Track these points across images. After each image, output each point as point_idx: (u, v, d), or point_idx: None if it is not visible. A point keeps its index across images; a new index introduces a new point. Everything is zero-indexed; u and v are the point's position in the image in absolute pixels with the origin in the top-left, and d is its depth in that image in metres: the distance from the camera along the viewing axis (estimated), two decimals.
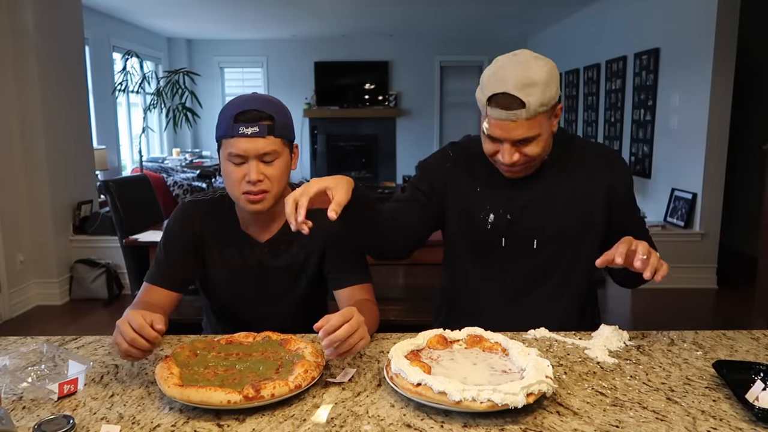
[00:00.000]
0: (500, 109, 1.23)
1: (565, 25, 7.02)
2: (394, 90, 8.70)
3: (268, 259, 1.39)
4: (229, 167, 1.28)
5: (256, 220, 1.38)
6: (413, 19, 7.04)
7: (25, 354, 1.11)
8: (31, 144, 3.89)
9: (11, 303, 3.79)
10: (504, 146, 1.28)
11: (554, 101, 1.26)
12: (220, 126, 1.29)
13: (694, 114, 4.26)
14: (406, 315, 2.59)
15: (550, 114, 1.29)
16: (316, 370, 1.01)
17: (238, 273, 1.40)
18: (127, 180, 3.33)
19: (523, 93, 1.21)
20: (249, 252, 1.39)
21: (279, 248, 1.40)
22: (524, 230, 1.39)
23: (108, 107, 6.42)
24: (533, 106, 1.21)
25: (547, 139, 1.30)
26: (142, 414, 0.93)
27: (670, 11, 4.62)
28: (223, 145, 1.28)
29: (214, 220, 1.41)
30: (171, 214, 1.44)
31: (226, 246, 1.40)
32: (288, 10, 6.42)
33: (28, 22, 3.79)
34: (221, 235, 1.40)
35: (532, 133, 1.25)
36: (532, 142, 1.27)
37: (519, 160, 1.29)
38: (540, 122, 1.25)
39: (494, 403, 0.88)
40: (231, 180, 1.29)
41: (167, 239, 1.41)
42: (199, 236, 1.39)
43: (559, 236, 1.39)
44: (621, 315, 3.76)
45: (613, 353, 1.17)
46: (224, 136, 1.27)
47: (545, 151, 1.33)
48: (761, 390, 0.96)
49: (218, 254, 1.40)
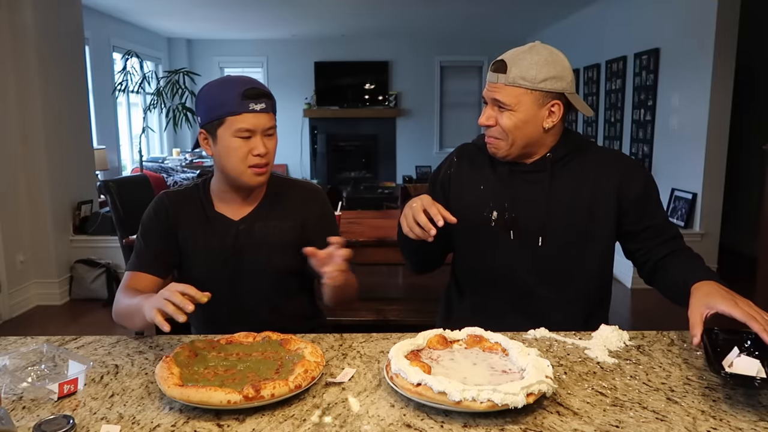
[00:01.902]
0: (490, 71, 1.36)
1: (565, 25, 7.02)
2: (394, 90, 8.69)
3: (243, 235, 1.43)
4: (235, 143, 1.33)
5: (232, 199, 1.44)
6: (413, 19, 7.03)
7: (25, 354, 1.11)
8: (31, 144, 3.89)
9: (11, 303, 3.79)
10: (485, 108, 1.38)
11: (542, 86, 1.31)
12: (221, 104, 1.32)
13: (694, 114, 4.26)
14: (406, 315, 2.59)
15: (539, 100, 1.32)
16: (316, 370, 1.01)
17: (215, 252, 1.43)
18: (127, 180, 3.33)
19: (510, 61, 1.32)
20: (224, 231, 1.43)
21: (254, 225, 1.44)
22: (529, 227, 1.39)
23: (108, 107, 6.42)
24: (512, 75, 1.31)
25: (523, 122, 1.33)
26: (142, 414, 0.93)
27: (670, 11, 4.62)
28: (228, 122, 1.32)
29: (189, 206, 1.46)
30: (149, 206, 1.50)
31: (201, 227, 1.44)
32: (288, 10, 6.42)
33: (28, 22, 3.79)
34: (196, 218, 1.45)
35: (506, 100, 1.32)
36: (505, 112, 1.33)
37: (492, 126, 1.36)
38: (518, 97, 1.31)
39: (494, 403, 0.88)
40: (237, 155, 1.33)
41: (144, 229, 1.46)
42: (174, 222, 1.44)
43: (564, 234, 1.38)
44: (621, 315, 3.76)
45: (613, 353, 1.17)
46: (232, 112, 1.31)
47: (518, 135, 1.34)
48: (735, 356, 1.00)
49: (194, 236, 1.44)
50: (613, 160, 1.42)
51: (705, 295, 1.16)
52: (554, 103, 1.33)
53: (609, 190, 1.38)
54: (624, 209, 1.39)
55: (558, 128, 1.39)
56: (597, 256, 1.41)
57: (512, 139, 1.35)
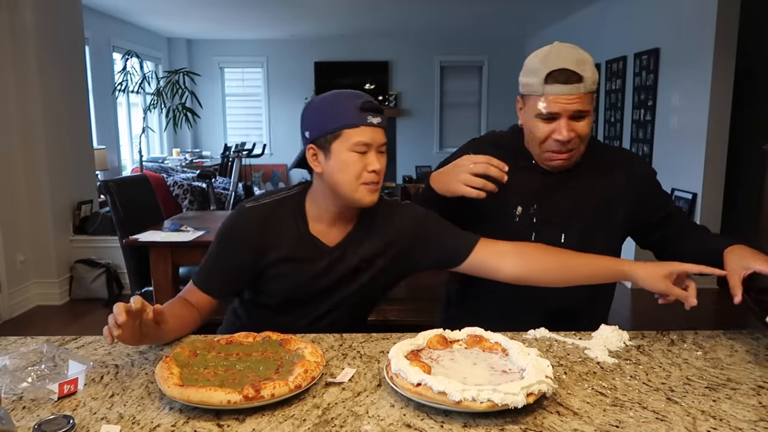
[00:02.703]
0: (560, 84, 1.30)
1: (565, 25, 7.02)
2: (394, 90, 8.70)
3: (337, 263, 1.33)
4: (351, 157, 1.24)
5: (331, 221, 1.34)
6: (413, 19, 7.03)
7: (25, 354, 1.11)
8: (31, 144, 3.89)
9: (11, 303, 3.79)
10: (561, 122, 1.32)
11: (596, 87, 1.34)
12: (338, 116, 1.24)
13: (694, 114, 4.26)
14: (407, 315, 2.58)
15: (594, 99, 1.35)
16: (316, 370, 1.01)
17: (302, 277, 1.33)
18: (127, 180, 3.32)
19: (579, 68, 1.30)
20: (317, 256, 1.33)
21: (348, 251, 1.34)
22: (552, 223, 1.41)
23: (108, 107, 6.42)
24: (589, 81, 1.31)
25: (592, 122, 1.36)
26: (142, 414, 0.93)
27: (670, 11, 4.62)
28: (345, 135, 1.24)
29: (281, 223, 1.33)
30: (228, 217, 1.36)
31: (292, 249, 1.32)
32: (288, 10, 6.42)
33: (28, 22, 3.79)
34: (288, 237, 1.32)
35: (587, 107, 1.32)
36: (584, 119, 1.33)
37: (573, 138, 1.33)
38: (591, 101, 1.33)
39: (494, 403, 0.88)
40: (352, 170, 1.25)
41: (222, 245, 1.33)
42: (259, 243, 1.31)
43: (586, 229, 1.41)
44: (621, 315, 3.76)
45: (613, 353, 1.17)
46: (350, 125, 1.23)
47: (588, 136, 1.37)
48: None
49: (283, 257, 1.32)
50: (623, 158, 1.49)
51: (740, 257, 1.24)
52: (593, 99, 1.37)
53: (624, 188, 1.43)
54: (640, 205, 1.44)
55: None
56: (610, 248, 1.44)
57: (585, 143, 1.37)
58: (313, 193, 1.35)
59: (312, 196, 1.35)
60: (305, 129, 1.30)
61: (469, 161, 1.30)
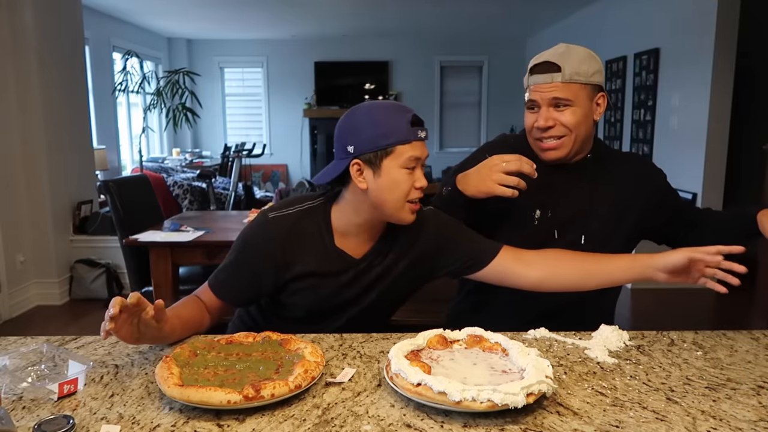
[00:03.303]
0: (538, 74, 1.37)
1: (565, 25, 7.02)
2: (394, 90, 8.69)
3: (362, 275, 1.32)
4: (402, 174, 1.20)
5: (359, 234, 1.30)
6: (413, 19, 7.03)
7: (25, 354, 1.11)
8: (31, 144, 3.89)
9: (11, 303, 3.79)
10: (541, 110, 1.38)
11: (593, 79, 1.36)
12: (391, 132, 1.19)
13: (694, 114, 4.26)
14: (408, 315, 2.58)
15: (590, 94, 1.37)
16: (316, 370, 1.01)
17: (327, 291, 1.31)
18: (127, 180, 3.33)
19: (559, 60, 1.35)
20: (343, 269, 1.30)
21: (374, 262, 1.32)
22: (572, 226, 1.43)
23: (108, 107, 6.42)
24: (567, 72, 1.34)
25: (584, 116, 1.37)
26: (142, 414, 0.93)
27: (670, 11, 4.62)
28: (398, 151, 1.19)
29: (306, 237, 1.29)
30: (250, 226, 1.32)
31: (317, 262, 1.29)
32: (288, 10, 6.42)
33: (28, 23, 3.79)
34: (313, 251, 1.29)
35: (566, 95, 1.35)
36: (566, 109, 1.35)
37: (554, 126, 1.36)
38: (575, 92, 1.35)
39: (494, 403, 0.88)
40: (402, 188, 1.21)
41: (243, 256, 1.29)
42: (282, 259, 1.27)
43: (603, 231, 1.43)
44: (621, 315, 3.76)
45: (613, 353, 1.17)
46: (403, 141, 1.19)
47: (581, 129, 1.38)
48: None
49: (307, 271, 1.29)
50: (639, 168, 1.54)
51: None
52: (600, 96, 1.40)
53: (639, 191, 1.47)
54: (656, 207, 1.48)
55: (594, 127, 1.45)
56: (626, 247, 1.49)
57: (575, 135, 1.38)
58: (343, 206, 1.30)
59: (340, 209, 1.30)
60: (348, 143, 1.22)
61: (501, 160, 1.30)
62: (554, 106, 1.36)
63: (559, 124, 1.37)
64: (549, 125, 1.37)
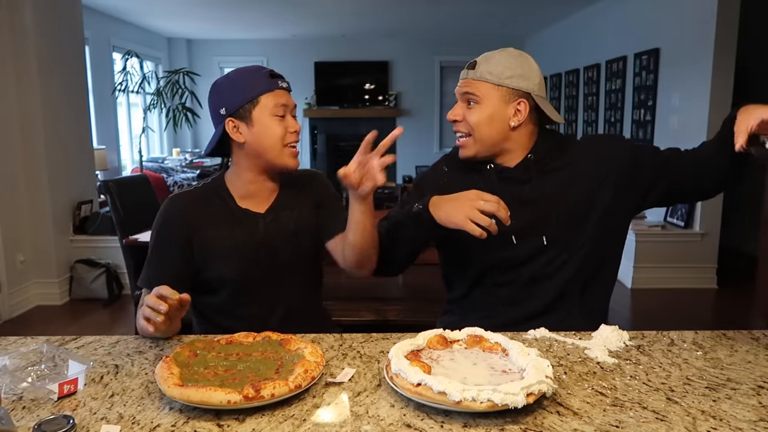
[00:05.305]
0: (462, 70, 1.43)
1: (565, 25, 7.02)
2: (394, 90, 8.70)
3: (272, 226, 1.41)
4: (273, 122, 1.34)
5: (257, 192, 1.42)
6: (413, 19, 7.04)
7: (25, 354, 1.11)
8: (31, 144, 3.90)
9: (11, 303, 3.79)
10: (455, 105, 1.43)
11: (509, 83, 1.35)
12: (252, 86, 1.34)
13: (694, 114, 4.26)
14: (406, 315, 2.58)
15: (506, 97, 1.36)
16: (316, 370, 1.01)
17: (246, 249, 1.38)
18: (127, 180, 3.33)
19: (481, 58, 1.39)
20: (252, 225, 1.40)
21: (280, 215, 1.43)
22: (531, 230, 1.40)
23: (108, 107, 6.42)
24: (480, 70, 1.37)
25: (489, 117, 1.37)
26: (142, 414, 0.93)
27: (670, 11, 4.62)
28: (263, 101, 1.34)
29: (208, 205, 1.40)
30: (157, 213, 1.42)
31: (227, 225, 1.39)
32: (288, 10, 6.42)
33: (28, 22, 3.80)
34: (220, 216, 1.39)
35: (473, 91, 1.37)
36: (474, 107, 1.38)
37: (459, 121, 1.40)
38: (486, 91, 1.36)
39: (494, 403, 0.88)
40: (275, 134, 1.34)
41: (157, 241, 1.39)
42: (191, 227, 1.37)
43: (568, 227, 1.40)
44: (621, 315, 3.76)
45: (613, 353, 1.17)
46: (265, 91, 1.34)
47: (483, 130, 1.38)
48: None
49: (220, 236, 1.38)
50: (593, 143, 1.50)
51: (749, 111, 1.22)
52: (520, 101, 1.37)
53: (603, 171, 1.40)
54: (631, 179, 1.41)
55: (531, 129, 1.41)
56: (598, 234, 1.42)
57: (478, 135, 1.38)
58: (234, 170, 1.43)
59: (234, 173, 1.43)
60: (219, 107, 1.36)
61: (479, 197, 1.25)
62: (466, 102, 1.40)
63: (465, 121, 1.40)
64: (455, 119, 1.41)
